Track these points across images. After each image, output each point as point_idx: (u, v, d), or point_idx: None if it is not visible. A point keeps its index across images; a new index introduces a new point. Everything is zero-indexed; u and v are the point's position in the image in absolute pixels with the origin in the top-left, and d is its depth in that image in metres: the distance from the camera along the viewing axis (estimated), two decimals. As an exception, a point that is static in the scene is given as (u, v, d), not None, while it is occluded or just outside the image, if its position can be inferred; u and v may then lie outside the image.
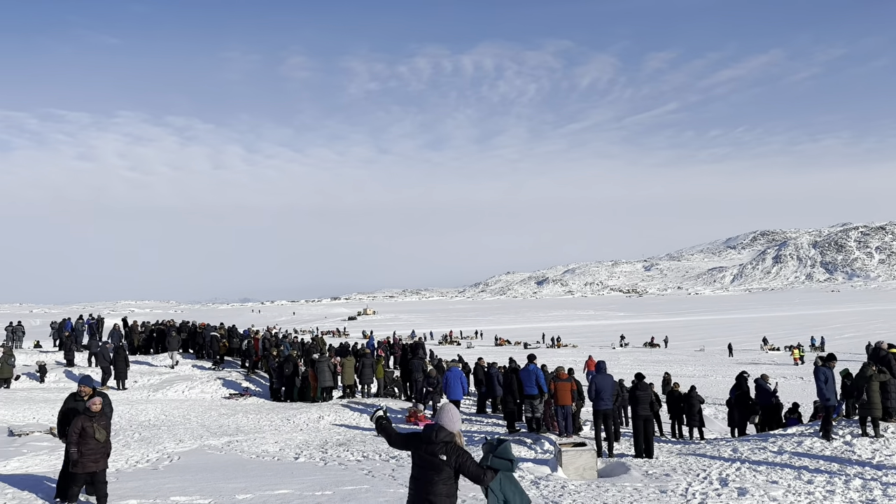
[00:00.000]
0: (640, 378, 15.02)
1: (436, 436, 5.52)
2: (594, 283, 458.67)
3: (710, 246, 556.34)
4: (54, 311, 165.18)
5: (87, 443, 8.88)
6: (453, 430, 5.60)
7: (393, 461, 13.64)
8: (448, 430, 5.57)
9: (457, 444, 5.58)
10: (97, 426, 8.99)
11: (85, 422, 8.96)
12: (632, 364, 41.87)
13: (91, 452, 8.89)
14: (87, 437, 8.90)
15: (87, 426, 8.93)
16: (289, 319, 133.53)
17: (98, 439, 8.94)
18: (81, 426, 8.92)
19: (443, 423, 5.61)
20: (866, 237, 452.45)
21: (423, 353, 23.91)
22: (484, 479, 5.52)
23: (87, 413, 9.05)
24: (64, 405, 9.73)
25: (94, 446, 8.92)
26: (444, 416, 5.65)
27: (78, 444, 8.83)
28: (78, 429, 8.89)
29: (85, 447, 8.85)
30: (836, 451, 12.01)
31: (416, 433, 5.80)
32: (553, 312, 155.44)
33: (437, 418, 5.70)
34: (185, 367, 26.50)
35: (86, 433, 8.90)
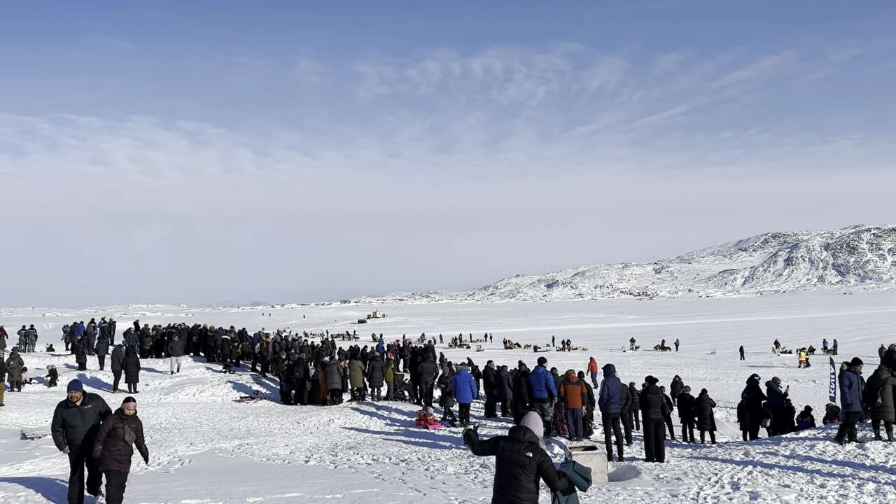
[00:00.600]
0: (651, 381, 14.95)
1: (523, 435, 6.00)
2: (604, 286, 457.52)
3: (721, 248, 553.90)
4: (66, 314, 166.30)
5: (116, 443, 8.87)
6: (538, 433, 6.11)
7: (403, 464, 13.64)
8: (533, 432, 6.07)
9: (540, 445, 6.04)
10: (128, 428, 8.97)
11: (116, 422, 8.95)
12: (642, 367, 41.72)
13: (117, 451, 8.88)
14: (115, 438, 8.88)
15: (119, 427, 8.92)
16: (299, 323, 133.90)
17: (127, 441, 8.92)
18: (112, 426, 8.90)
19: (529, 427, 6.10)
20: (879, 239, 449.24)
21: (433, 356, 23.91)
22: (557, 483, 5.90)
23: (120, 414, 9.04)
24: (57, 414, 9.40)
25: (122, 448, 8.91)
26: (531, 420, 6.22)
27: (105, 444, 8.81)
28: (108, 428, 8.87)
29: (113, 446, 8.84)
30: (848, 455, 11.91)
31: (500, 436, 6.27)
32: (563, 315, 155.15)
33: (525, 422, 6.20)
34: (197, 371, 26.60)
35: (115, 434, 8.89)
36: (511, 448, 5.96)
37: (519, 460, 5.88)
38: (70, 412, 9.31)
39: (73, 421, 9.34)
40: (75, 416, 9.34)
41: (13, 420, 18.30)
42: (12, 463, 12.95)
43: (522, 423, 6.17)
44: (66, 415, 9.33)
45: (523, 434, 6.01)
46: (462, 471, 12.71)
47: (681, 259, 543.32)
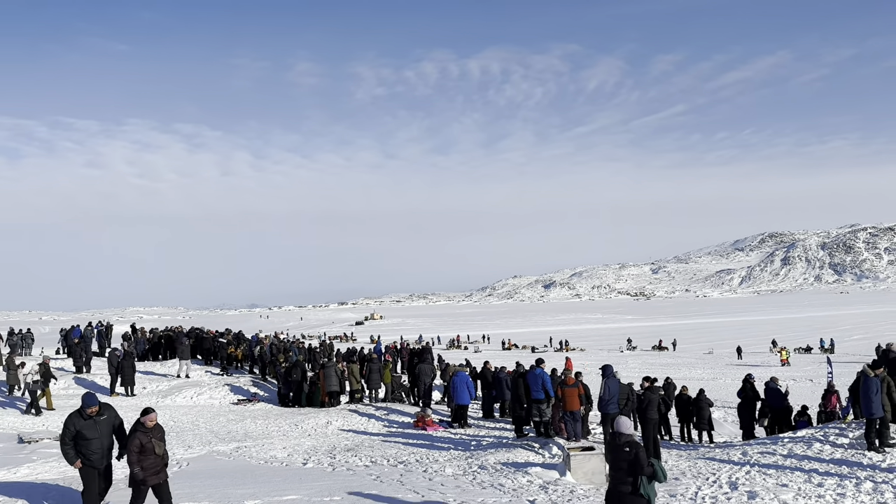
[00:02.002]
0: (649, 381, 14.97)
1: (619, 439, 7.45)
2: (601, 287, 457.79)
3: (718, 248, 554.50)
4: (63, 317, 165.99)
5: (148, 458, 8.67)
6: (629, 431, 7.53)
7: (401, 466, 13.64)
8: (627, 433, 7.48)
9: (635, 440, 7.46)
10: (155, 441, 8.78)
11: (142, 438, 8.70)
12: (640, 367, 41.76)
13: (152, 466, 8.70)
14: (147, 453, 8.68)
15: (146, 442, 8.68)
16: (297, 325, 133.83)
17: (158, 454, 8.75)
18: (140, 443, 8.66)
19: (621, 430, 7.53)
20: (875, 238, 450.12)
21: (431, 358, 23.91)
22: (645, 470, 7.25)
23: (141, 429, 8.77)
24: (70, 425, 8.98)
25: (155, 461, 8.72)
26: (622, 424, 7.63)
27: (139, 462, 8.60)
28: (137, 446, 8.63)
29: (146, 462, 8.66)
30: (846, 454, 11.93)
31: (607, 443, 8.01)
32: (560, 316, 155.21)
33: (617, 427, 7.61)
34: (194, 374, 26.55)
35: (145, 449, 8.67)
36: (615, 448, 7.45)
37: (621, 455, 7.36)
38: (86, 424, 8.97)
39: (89, 433, 8.97)
40: (91, 428, 8.99)
41: (10, 424, 18.26)
42: (10, 467, 12.91)
43: (615, 428, 7.65)
44: (82, 426, 8.96)
45: (619, 438, 7.45)
46: (460, 472, 12.71)
47: (678, 259, 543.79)
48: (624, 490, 7.32)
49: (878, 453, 11.66)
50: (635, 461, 7.23)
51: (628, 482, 7.31)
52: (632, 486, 7.28)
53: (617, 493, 7.41)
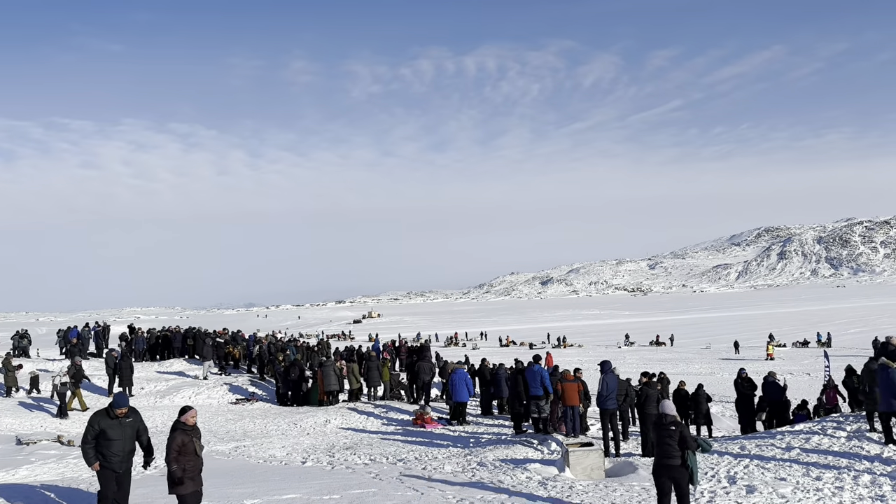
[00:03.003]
0: (647, 377, 15.00)
1: (665, 419, 8.54)
2: (599, 283, 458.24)
3: (715, 243, 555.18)
4: (60, 318, 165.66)
5: (188, 459, 8.17)
6: (674, 413, 8.69)
7: (400, 464, 13.65)
8: (671, 413, 8.60)
9: (679, 420, 8.62)
10: (196, 440, 8.33)
11: (184, 436, 8.22)
12: (638, 363, 41.81)
13: (192, 468, 8.22)
14: (187, 454, 8.16)
15: (187, 441, 8.21)
16: (294, 324, 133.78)
17: (198, 454, 8.30)
18: (181, 441, 8.17)
19: (667, 412, 8.63)
20: (871, 232, 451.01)
21: (429, 356, 23.90)
22: (691, 444, 8.39)
23: (183, 427, 8.30)
24: (94, 424, 8.50)
25: (195, 462, 8.25)
26: (666, 406, 8.75)
27: (178, 461, 8.10)
28: (178, 445, 8.12)
29: (186, 463, 8.15)
30: (844, 447, 11.95)
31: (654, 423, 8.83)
32: (558, 312, 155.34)
33: (662, 409, 8.69)
34: (192, 373, 26.54)
35: (186, 449, 8.16)
36: (663, 428, 8.50)
37: (668, 432, 8.42)
38: (111, 423, 8.51)
39: (114, 433, 8.50)
40: (116, 429, 8.53)
41: (8, 426, 18.23)
42: (8, 469, 12.88)
43: (661, 410, 8.73)
44: (106, 426, 8.49)
45: (665, 418, 8.55)
46: (459, 469, 12.72)
47: (674, 254, 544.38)
48: (673, 463, 8.38)
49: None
50: (682, 437, 8.38)
51: (676, 456, 8.37)
52: (680, 460, 8.35)
53: (666, 466, 8.41)
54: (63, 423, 18.73)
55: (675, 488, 8.42)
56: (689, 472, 8.37)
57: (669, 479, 8.41)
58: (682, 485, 8.38)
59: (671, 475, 8.40)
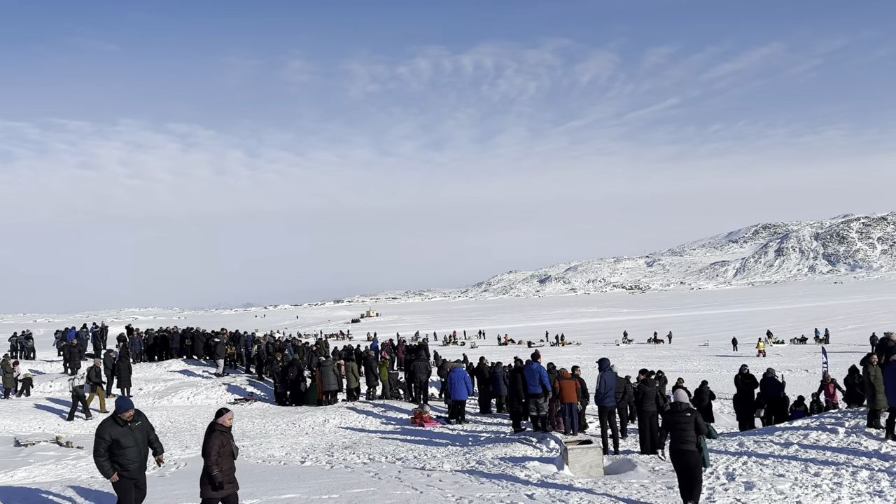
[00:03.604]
0: (645, 374, 15.00)
1: (679, 407, 9.25)
2: (597, 280, 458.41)
3: (712, 240, 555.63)
4: (58, 320, 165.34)
5: (225, 461, 8.09)
6: (688, 402, 9.45)
7: (399, 463, 13.65)
8: (685, 402, 9.34)
9: (693, 408, 9.35)
10: (233, 442, 8.26)
11: (222, 438, 8.09)
12: (636, 360, 41.86)
13: (228, 472, 8.12)
14: (224, 456, 8.06)
15: (225, 443, 8.10)
16: (292, 323, 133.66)
17: (235, 456, 8.22)
18: (221, 443, 8.05)
19: (681, 400, 9.39)
20: (868, 228, 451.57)
21: (426, 355, 23.92)
22: (704, 430, 9.18)
23: (221, 428, 8.15)
24: (105, 434, 8.20)
25: (230, 465, 8.16)
26: (680, 395, 9.56)
27: (218, 464, 8.00)
28: (217, 445, 8.02)
29: (224, 466, 8.07)
30: (842, 443, 11.97)
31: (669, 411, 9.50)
32: (556, 310, 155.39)
33: (676, 398, 9.46)
34: (190, 374, 26.53)
35: (224, 451, 8.07)
36: (678, 415, 9.17)
37: (684, 419, 9.10)
38: (122, 431, 8.22)
39: (126, 441, 8.23)
40: (127, 436, 8.25)
41: (6, 427, 18.21)
42: (6, 470, 12.88)
43: (675, 399, 9.49)
44: (118, 434, 8.19)
45: (679, 406, 9.25)
46: (458, 468, 12.73)
47: (672, 252, 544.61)
48: (688, 448, 9.03)
49: None
50: (697, 424, 9.07)
51: (691, 441, 9.04)
52: (695, 444, 9.02)
53: (681, 451, 9.06)
54: (61, 425, 18.71)
55: (688, 470, 9.03)
56: (702, 455, 9.10)
57: (683, 463, 9.05)
58: (696, 468, 9.05)
59: (685, 459, 9.03)
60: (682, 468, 9.11)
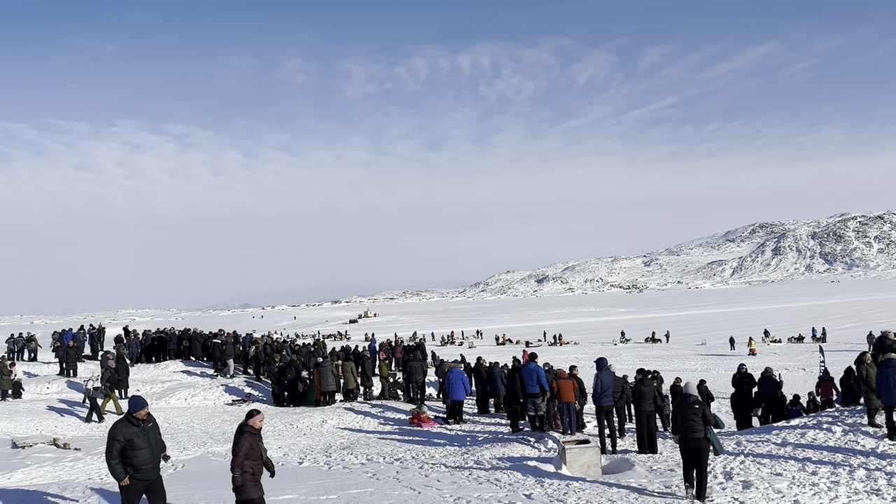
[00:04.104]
0: (643, 374, 15.02)
1: (689, 399, 9.91)
2: (594, 280, 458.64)
3: (709, 240, 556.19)
4: (55, 321, 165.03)
5: (255, 464, 8.04)
6: (696, 394, 10.13)
7: (397, 463, 13.65)
8: (694, 394, 10.03)
9: (700, 399, 10.00)
10: (262, 444, 8.19)
11: (251, 440, 8.03)
12: (633, 360, 41.90)
13: (257, 475, 8.07)
14: (253, 458, 8.00)
15: (255, 444, 8.04)
16: (290, 324, 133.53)
17: (263, 459, 8.13)
18: (250, 444, 8.00)
19: (690, 392, 10.10)
20: (865, 227, 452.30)
21: (423, 355, 23.91)
22: (711, 420, 9.92)
23: (250, 430, 8.11)
24: (118, 434, 7.96)
25: (258, 468, 8.07)
26: (690, 387, 10.37)
27: (243, 466, 7.94)
28: (246, 447, 7.97)
29: (253, 468, 8.02)
30: (839, 442, 12.00)
31: (678, 403, 10.27)
32: (554, 310, 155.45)
33: (686, 390, 10.23)
34: (188, 375, 26.49)
35: (253, 453, 8.02)
36: (686, 406, 9.85)
37: (692, 410, 9.75)
38: (136, 431, 7.96)
39: (140, 442, 7.98)
40: (141, 437, 8.00)
41: (3, 429, 18.16)
42: (4, 472, 12.86)
43: (685, 391, 10.23)
44: (132, 434, 7.93)
45: (689, 398, 9.93)
46: (456, 468, 12.73)
47: (669, 251, 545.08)
48: (697, 436, 9.65)
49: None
50: (705, 414, 9.75)
51: (699, 430, 9.66)
52: (703, 433, 9.65)
53: (691, 440, 9.69)
54: (59, 427, 18.67)
55: (696, 457, 9.62)
56: (709, 443, 9.71)
57: (692, 450, 9.64)
58: (703, 455, 9.65)
59: (695, 446, 9.64)
60: (690, 456, 9.66)
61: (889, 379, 11.54)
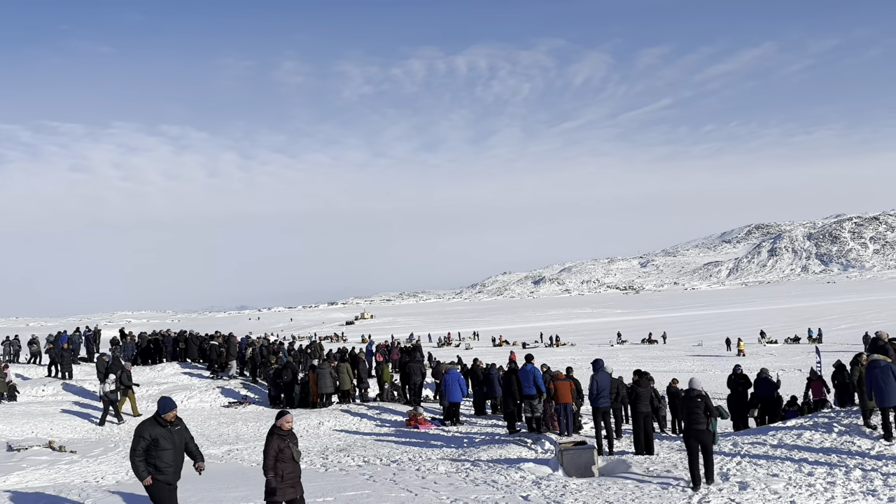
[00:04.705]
0: (640, 375, 15.02)
1: (692, 393, 10.60)
2: (591, 281, 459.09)
3: (706, 241, 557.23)
4: (50, 323, 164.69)
5: (286, 466, 7.96)
6: (700, 388, 10.69)
7: (394, 465, 13.63)
8: (697, 388, 10.63)
9: (703, 393, 10.67)
10: (293, 446, 8.09)
11: (280, 442, 8.00)
12: (630, 361, 41.93)
13: (289, 476, 7.99)
14: (284, 460, 7.95)
15: (284, 447, 7.98)
16: (287, 326, 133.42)
17: (296, 460, 8.09)
18: (279, 447, 7.96)
19: (695, 387, 10.67)
20: (860, 228, 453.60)
21: (420, 356, 23.89)
22: (714, 412, 10.52)
23: (279, 432, 8.07)
24: (144, 433, 7.96)
25: (293, 469, 8.04)
26: (694, 382, 10.82)
27: (275, 469, 7.92)
28: (275, 451, 7.94)
29: (284, 470, 7.95)
30: (835, 443, 12.02)
31: (683, 397, 11.30)
32: (551, 311, 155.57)
33: (691, 385, 10.74)
34: (184, 377, 26.44)
35: (283, 455, 7.96)
36: (690, 400, 10.58)
37: (696, 404, 10.46)
38: (162, 432, 7.98)
39: (165, 443, 7.98)
40: (167, 438, 8.01)
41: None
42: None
43: (689, 385, 10.80)
44: (158, 434, 7.94)
45: (692, 392, 10.61)
46: (453, 470, 12.71)
47: (666, 252, 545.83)
48: (700, 428, 10.34)
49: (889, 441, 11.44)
50: (707, 406, 10.43)
51: (703, 422, 10.35)
52: (706, 425, 10.33)
53: (695, 430, 10.36)
54: (54, 429, 18.61)
55: (702, 447, 10.36)
56: (712, 434, 10.40)
57: (697, 441, 10.34)
58: (708, 444, 10.39)
59: (699, 437, 10.35)
60: (695, 446, 10.37)
61: (877, 379, 11.58)
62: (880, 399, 11.60)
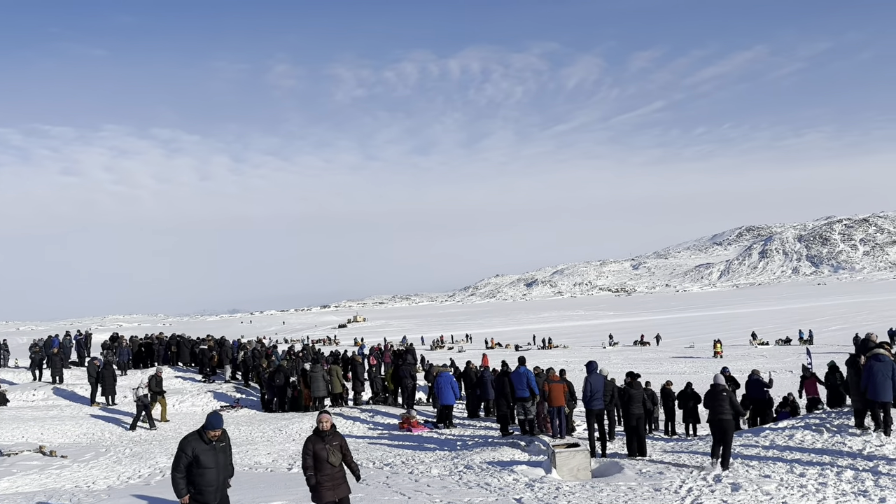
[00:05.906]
0: (632, 377, 15.06)
1: (718, 388, 11.64)
2: (583, 284, 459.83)
3: (697, 243, 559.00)
4: (41, 327, 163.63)
5: (322, 468, 7.89)
6: (724, 383, 11.76)
7: (387, 468, 13.61)
8: (721, 384, 11.68)
9: (727, 387, 11.69)
10: (330, 448, 7.95)
11: (316, 443, 7.92)
12: (622, 363, 41.99)
13: (326, 479, 7.89)
14: (320, 462, 7.88)
15: (319, 448, 7.91)
16: (279, 329, 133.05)
17: (332, 463, 7.92)
18: (313, 448, 7.90)
19: (719, 383, 11.73)
20: (850, 230, 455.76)
21: (413, 359, 23.86)
22: (737, 406, 11.81)
23: (315, 432, 8.04)
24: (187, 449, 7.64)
25: (330, 471, 7.92)
26: (718, 378, 11.99)
27: (313, 468, 7.89)
28: (310, 452, 7.91)
29: (320, 474, 7.88)
30: (827, 444, 12.07)
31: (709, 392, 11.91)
32: (543, 314, 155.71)
33: (716, 381, 11.83)
34: (176, 381, 26.32)
35: (318, 457, 7.88)
36: (715, 393, 11.62)
37: (721, 397, 11.53)
38: (205, 449, 7.63)
39: (208, 460, 7.60)
40: (210, 455, 7.63)
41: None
42: (-11, 481, 12.71)
43: (714, 381, 11.85)
44: (201, 451, 7.59)
45: (717, 387, 11.66)
46: (446, 472, 12.71)
47: (657, 254, 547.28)
48: (725, 417, 11.39)
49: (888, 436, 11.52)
50: (731, 401, 11.58)
51: (728, 412, 11.44)
52: (731, 414, 11.49)
53: (720, 419, 11.39)
54: (45, 434, 18.48)
55: (723, 435, 11.33)
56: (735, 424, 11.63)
57: (721, 430, 11.33)
58: (730, 432, 11.43)
59: (723, 426, 11.35)
60: (719, 434, 11.40)
61: (878, 373, 11.62)
62: (874, 393, 11.68)
